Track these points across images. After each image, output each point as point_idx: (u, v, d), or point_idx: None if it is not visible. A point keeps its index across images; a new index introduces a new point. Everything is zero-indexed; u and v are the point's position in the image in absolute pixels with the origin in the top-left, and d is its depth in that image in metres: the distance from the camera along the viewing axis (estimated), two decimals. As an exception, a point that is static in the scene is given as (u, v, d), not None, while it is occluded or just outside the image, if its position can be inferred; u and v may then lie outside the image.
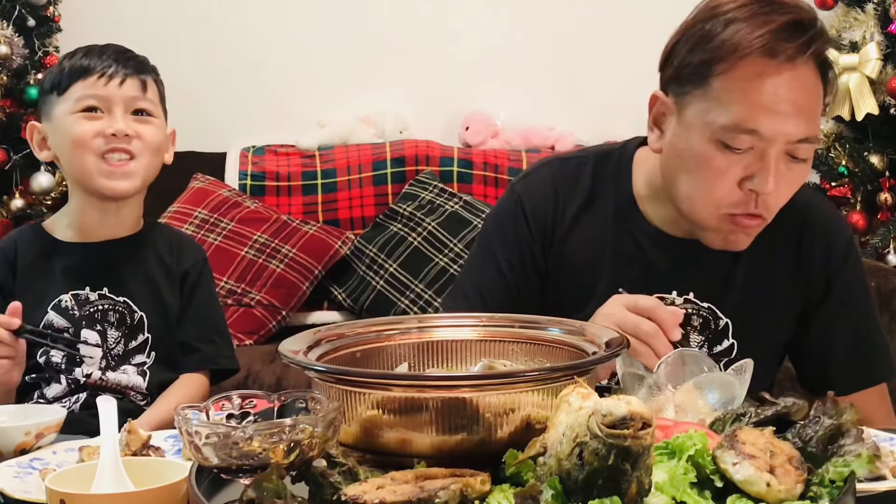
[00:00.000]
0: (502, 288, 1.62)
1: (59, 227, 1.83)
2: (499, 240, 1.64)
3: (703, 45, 1.44)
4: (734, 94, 1.42)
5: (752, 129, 1.41)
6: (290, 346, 1.16)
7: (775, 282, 1.60)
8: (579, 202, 1.63)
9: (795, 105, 1.42)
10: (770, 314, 1.60)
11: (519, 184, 1.68)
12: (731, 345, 1.59)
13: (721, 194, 1.45)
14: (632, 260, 1.60)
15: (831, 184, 3.44)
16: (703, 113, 1.44)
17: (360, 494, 0.93)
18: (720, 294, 1.58)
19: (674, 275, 1.58)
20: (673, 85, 1.49)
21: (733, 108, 1.42)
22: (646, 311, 1.37)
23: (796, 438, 1.02)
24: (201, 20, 3.63)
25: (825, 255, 1.60)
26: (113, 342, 1.78)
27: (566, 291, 1.62)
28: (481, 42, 3.68)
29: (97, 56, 1.77)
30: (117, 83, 1.74)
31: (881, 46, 3.28)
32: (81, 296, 1.78)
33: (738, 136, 1.42)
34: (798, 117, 1.42)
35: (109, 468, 1.11)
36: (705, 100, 1.44)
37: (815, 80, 1.45)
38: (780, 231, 1.56)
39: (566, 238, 1.62)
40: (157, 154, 1.79)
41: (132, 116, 1.75)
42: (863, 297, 1.64)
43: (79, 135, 1.72)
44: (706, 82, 1.44)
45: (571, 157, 1.71)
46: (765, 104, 1.41)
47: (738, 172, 1.44)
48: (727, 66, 1.42)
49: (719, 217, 1.47)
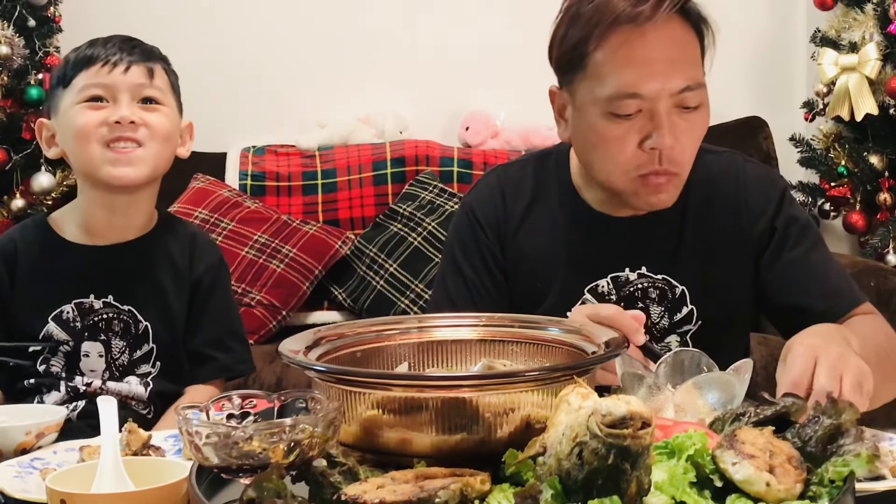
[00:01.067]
0: (473, 293, 1.70)
1: (67, 224, 1.76)
2: (461, 251, 1.73)
3: (571, 31, 1.55)
4: (608, 66, 1.51)
5: (632, 93, 1.50)
6: (290, 346, 1.16)
7: (722, 241, 1.66)
8: (526, 201, 1.71)
9: (667, 60, 1.50)
10: (723, 274, 1.65)
11: (468, 196, 1.78)
12: (690, 311, 1.65)
13: (625, 159, 1.53)
14: (582, 246, 1.67)
15: (831, 184, 3.44)
16: (589, 91, 1.54)
17: (360, 494, 0.93)
18: (671, 263, 1.65)
19: (624, 253, 1.65)
20: (561, 75, 1.60)
21: (611, 78, 1.51)
22: (607, 319, 1.39)
23: (796, 438, 1.02)
24: (202, 20, 3.64)
25: (762, 205, 1.66)
26: (118, 352, 1.72)
27: (526, 286, 1.69)
28: (481, 42, 3.68)
29: (101, 45, 1.71)
30: (122, 70, 1.68)
31: (880, 47, 3.29)
32: (85, 304, 1.71)
33: (622, 103, 1.51)
34: (673, 70, 1.50)
35: (110, 468, 1.11)
36: (587, 79, 1.54)
37: (683, 29, 1.53)
38: (718, 194, 1.66)
39: (517, 234, 1.70)
40: (168, 143, 1.72)
41: (139, 105, 1.69)
42: (809, 235, 1.67)
43: (83, 125, 1.66)
44: (583, 63, 1.54)
45: (513, 162, 1.81)
46: (637, 67, 1.50)
47: (635, 136, 1.52)
48: (595, 44, 1.52)
49: (632, 181, 1.55)
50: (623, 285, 1.65)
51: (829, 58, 3.37)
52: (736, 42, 3.75)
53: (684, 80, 1.50)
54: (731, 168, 1.69)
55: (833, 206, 3.48)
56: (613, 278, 1.65)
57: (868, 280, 2.76)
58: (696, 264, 1.65)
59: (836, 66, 3.36)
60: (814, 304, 1.61)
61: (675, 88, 1.50)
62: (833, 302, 1.61)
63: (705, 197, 1.66)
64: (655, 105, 1.50)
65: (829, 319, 1.57)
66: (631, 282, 1.64)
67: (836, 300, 1.62)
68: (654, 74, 1.50)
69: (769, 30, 3.82)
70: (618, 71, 1.50)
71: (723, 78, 3.68)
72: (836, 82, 3.36)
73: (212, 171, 3.39)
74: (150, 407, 1.75)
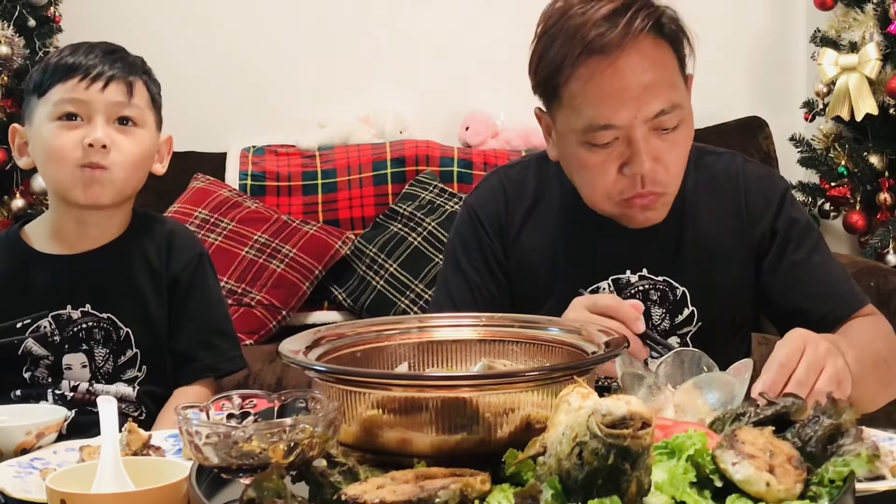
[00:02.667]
0: (475, 294, 1.69)
1: (38, 236, 1.73)
2: (463, 251, 1.72)
3: (544, 60, 1.53)
4: (578, 98, 1.50)
5: (605, 124, 1.49)
6: (290, 346, 1.16)
7: (722, 242, 1.65)
8: (527, 203, 1.71)
9: (639, 86, 1.48)
10: (724, 275, 1.65)
11: (470, 197, 1.78)
12: (691, 312, 1.65)
13: (607, 185, 1.54)
14: (583, 248, 1.66)
15: (831, 184, 3.44)
16: (566, 121, 1.54)
17: (360, 494, 0.93)
18: (672, 265, 1.64)
19: (625, 255, 1.64)
20: (541, 102, 1.60)
21: (584, 111, 1.50)
22: (606, 309, 1.40)
23: (796, 438, 1.02)
24: (202, 20, 3.64)
25: (763, 206, 1.66)
26: (101, 360, 1.69)
27: (527, 288, 1.69)
28: (481, 42, 3.68)
29: (83, 55, 1.65)
30: (100, 87, 1.63)
31: (880, 47, 3.29)
32: (63, 316, 1.68)
33: (597, 134, 1.50)
34: (646, 96, 1.48)
35: (110, 468, 1.11)
36: (563, 109, 1.54)
37: (655, 49, 1.50)
38: (718, 195, 1.66)
39: (519, 236, 1.70)
40: (140, 167, 1.68)
41: (114, 125, 1.64)
42: (810, 237, 1.67)
43: (56, 147, 1.62)
44: (558, 94, 1.53)
45: (515, 163, 1.80)
46: (609, 98, 1.48)
47: (614, 162, 1.52)
48: (567, 75, 1.50)
49: (617, 204, 1.56)
50: (624, 287, 1.64)
51: (829, 58, 3.37)
52: (736, 42, 3.75)
53: (659, 104, 1.48)
54: (732, 169, 1.68)
55: (833, 206, 3.48)
56: (614, 280, 1.65)
57: (868, 280, 2.76)
58: (697, 266, 1.64)
59: (836, 66, 3.36)
60: (815, 308, 1.61)
61: (649, 115, 1.49)
62: (835, 305, 1.61)
63: (705, 199, 1.66)
64: (631, 132, 1.49)
65: (831, 323, 1.58)
66: (632, 284, 1.64)
67: (837, 303, 1.61)
68: (627, 104, 1.48)
69: (769, 30, 3.82)
70: (590, 104, 1.49)
71: (723, 78, 3.75)
72: (836, 82, 3.36)
73: (212, 171, 3.39)
74: (141, 408, 1.73)
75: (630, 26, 1.46)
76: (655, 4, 1.51)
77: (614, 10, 1.47)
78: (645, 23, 1.47)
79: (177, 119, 1.87)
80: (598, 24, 1.46)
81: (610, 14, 1.47)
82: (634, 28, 1.46)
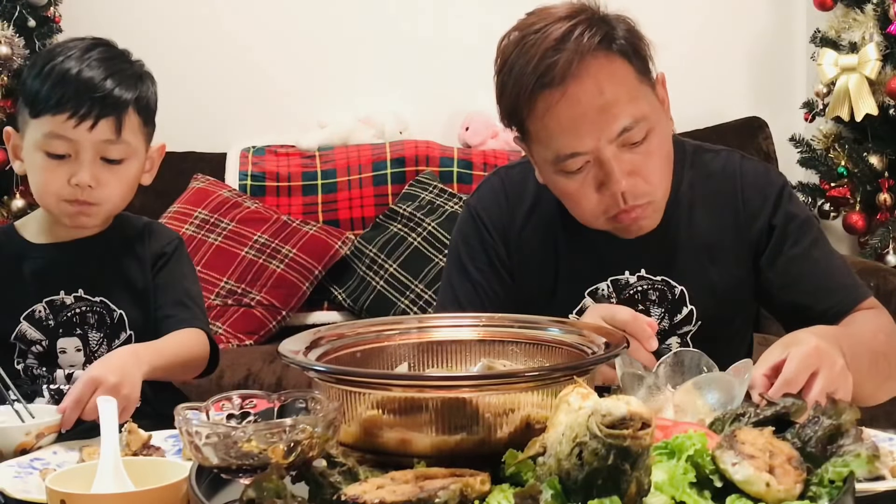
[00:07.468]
0: (481, 295, 1.69)
1: (30, 229, 1.77)
2: (466, 253, 1.72)
3: (504, 95, 1.55)
4: (541, 132, 1.51)
5: (571, 153, 1.49)
6: (290, 346, 1.16)
7: (720, 240, 1.65)
8: (528, 203, 1.71)
9: (596, 109, 1.47)
10: (722, 274, 1.65)
11: (472, 198, 1.78)
12: (690, 311, 1.65)
13: (591, 207, 1.55)
14: (582, 251, 1.66)
15: (830, 184, 3.44)
16: (537, 153, 1.56)
17: (360, 494, 0.93)
18: (670, 264, 1.64)
19: (624, 255, 1.64)
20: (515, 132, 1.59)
21: (550, 144, 1.51)
22: (622, 325, 1.39)
23: (795, 438, 1.02)
24: (202, 20, 3.64)
25: (760, 203, 1.65)
26: (95, 344, 1.73)
27: (527, 289, 1.69)
28: (481, 42, 3.64)
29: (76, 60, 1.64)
30: (88, 126, 1.62)
31: (880, 47, 3.29)
32: (56, 301, 1.72)
33: (567, 163, 1.51)
34: (605, 117, 1.47)
35: (110, 468, 1.11)
36: (532, 143, 1.56)
37: (608, 65, 1.48)
38: (716, 193, 1.66)
39: (521, 237, 1.70)
40: (128, 194, 1.72)
41: (101, 163, 1.66)
42: (809, 232, 1.66)
43: (44, 181, 1.66)
44: (524, 129, 1.55)
45: (515, 164, 1.80)
46: (568, 129, 1.48)
47: (590, 186, 1.52)
48: (526, 112, 1.51)
49: (606, 222, 1.57)
50: (623, 288, 1.64)
51: (829, 58, 3.37)
52: (736, 42, 3.75)
53: (620, 122, 1.47)
54: (729, 166, 1.68)
55: (833, 207, 3.48)
56: (613, 281, 1.65)
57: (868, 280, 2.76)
58: (695, 265, 1.64)
59: (835, 66, 3.36)
60: (816, 302, 1.60)
61: (612, 135, 1.48)
62: (836, 299, 1.60)
63: (703, 196, 1.66)
64: (599, 155, 1.48)
65: (833, 317, 1.57)
66: (631, 284, 1.64)
67: (838, 297, 1.61)
68: (588, 130, 1.47)
69: (769, 30, 3.82)
70: (553, 136, 1.50)
71: (723, 78, 3.75)
72: (836, 83, 3.36)
73: (212, 171, 3.39)
74: None
75: (577, 49, 1.45)
76: (602, 18, 1.50)
77: (565, 32, 1.46)
78: (591, 41, 1.46)
79: (177, 119, 1.88)
80: (546, 53, 1.46)
81: (562, 36, 1.46)
82: (582, 48, 1.45)
